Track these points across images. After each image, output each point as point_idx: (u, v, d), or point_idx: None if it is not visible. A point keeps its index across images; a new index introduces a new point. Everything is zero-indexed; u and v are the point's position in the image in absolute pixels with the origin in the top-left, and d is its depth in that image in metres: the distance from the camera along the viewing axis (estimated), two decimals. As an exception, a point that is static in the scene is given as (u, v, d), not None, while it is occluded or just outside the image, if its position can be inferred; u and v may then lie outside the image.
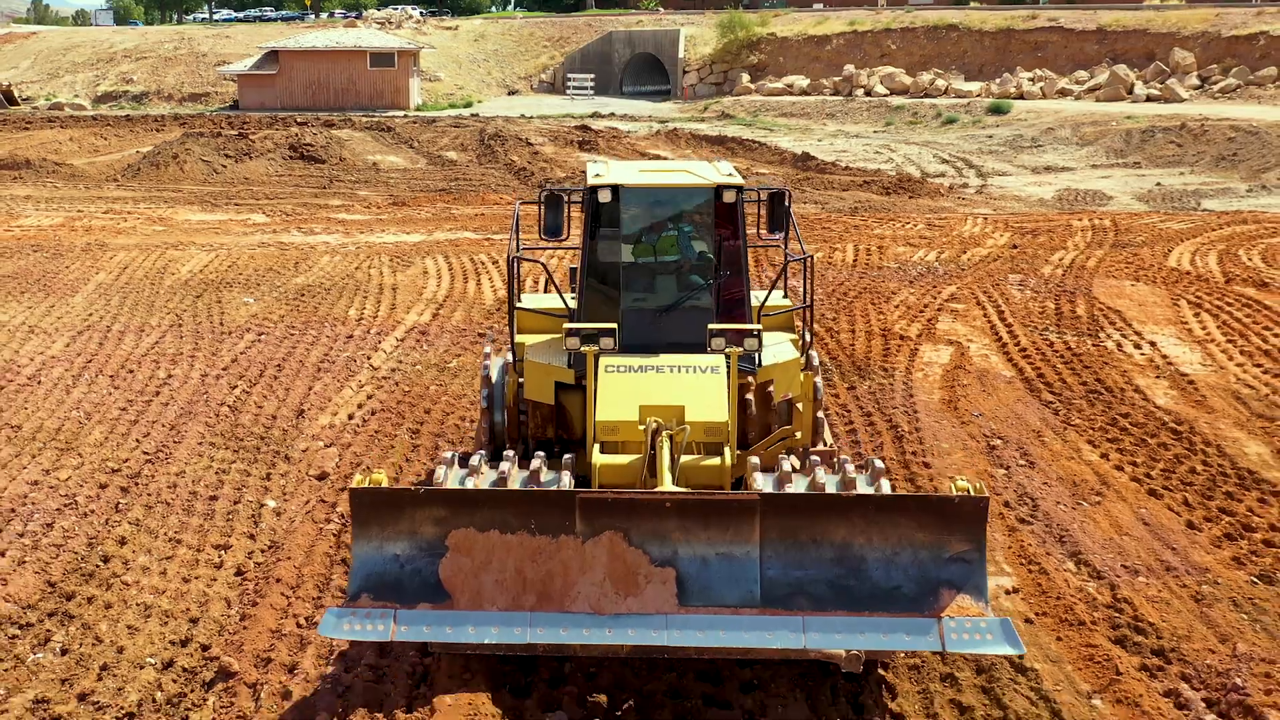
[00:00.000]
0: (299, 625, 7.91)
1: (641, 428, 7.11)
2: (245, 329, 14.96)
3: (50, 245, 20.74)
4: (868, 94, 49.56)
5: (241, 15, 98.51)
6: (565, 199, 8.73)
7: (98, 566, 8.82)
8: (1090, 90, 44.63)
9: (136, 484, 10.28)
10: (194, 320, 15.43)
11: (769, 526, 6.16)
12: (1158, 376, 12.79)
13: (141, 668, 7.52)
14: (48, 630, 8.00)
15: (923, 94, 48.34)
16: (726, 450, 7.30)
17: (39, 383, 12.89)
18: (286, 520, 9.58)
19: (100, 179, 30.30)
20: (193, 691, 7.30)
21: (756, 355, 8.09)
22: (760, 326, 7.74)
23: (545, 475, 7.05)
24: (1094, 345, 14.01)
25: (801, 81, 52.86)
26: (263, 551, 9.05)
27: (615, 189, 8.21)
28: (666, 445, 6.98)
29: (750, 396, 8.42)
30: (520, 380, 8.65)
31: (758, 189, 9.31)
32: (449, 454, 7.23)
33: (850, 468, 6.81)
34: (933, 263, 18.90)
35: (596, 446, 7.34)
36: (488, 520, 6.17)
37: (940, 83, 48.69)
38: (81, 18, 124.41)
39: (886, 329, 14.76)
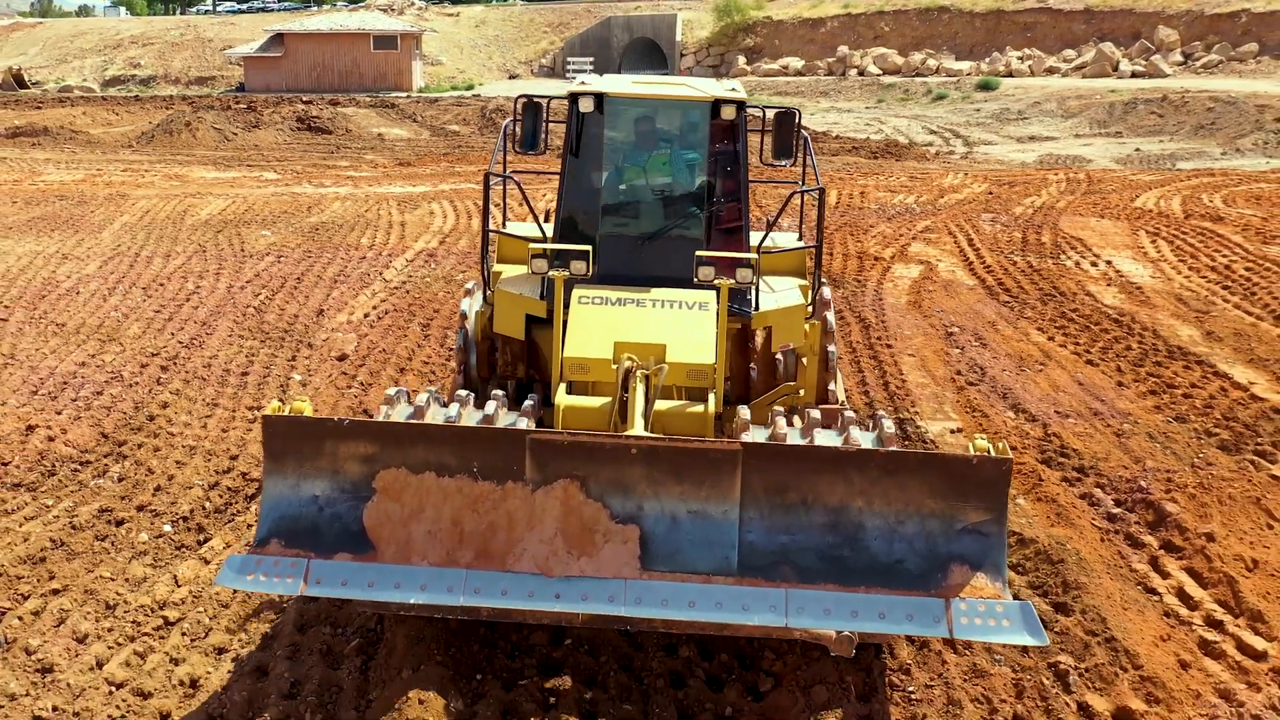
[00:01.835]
0: (327, 456, 9.02)
1: (615, 366, 6.31)
2: (265, 254, 16.05)
3: (74, 195, 21.80)
4: (861, 74, 50.59)
5: (244, 8, 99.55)
6: (545, 107, 7.89)
7: (145, 422, 9.91)
8: (1077, 68, 45.68)
9: (174, 364, 11.37)
10: (216, 248, 16.51)
11: (752, 482, 5.28)
12: (1109, 285, 13.87)
13: (190, 488, 8.61)
14: (105, 464, 9.09)
15: (914, 73, 49.37)
16: (712, 397, 6.44)
17: (77, 293, 13.98)
18: (312, 389, 10.67)
19: (116, 145, 31.39)
20: (236, 503, 8.41)
21: (753, 297, 7.25)
22: (756, 256, 6.86)
23: (503, 418, 6.15)
24: (1054, 264, 15.09)
25: (796, 63, 53.88)
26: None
27: (599, 98, 7.29)
28: (641, 387, 6.15)
29: (755, 345, 7.71)
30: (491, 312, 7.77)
31: (763, 107, 8.22)
32: (393, 390, 6.32)
33: (853, 425, 5.96)
34: (911, 205, 19.97)
35: (563, 386, 6.52)
36: (422, 460, 5.35)
37: (931, 62, 49.72)
38: (85, 12, 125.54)
39: (862, 253, 15.83)
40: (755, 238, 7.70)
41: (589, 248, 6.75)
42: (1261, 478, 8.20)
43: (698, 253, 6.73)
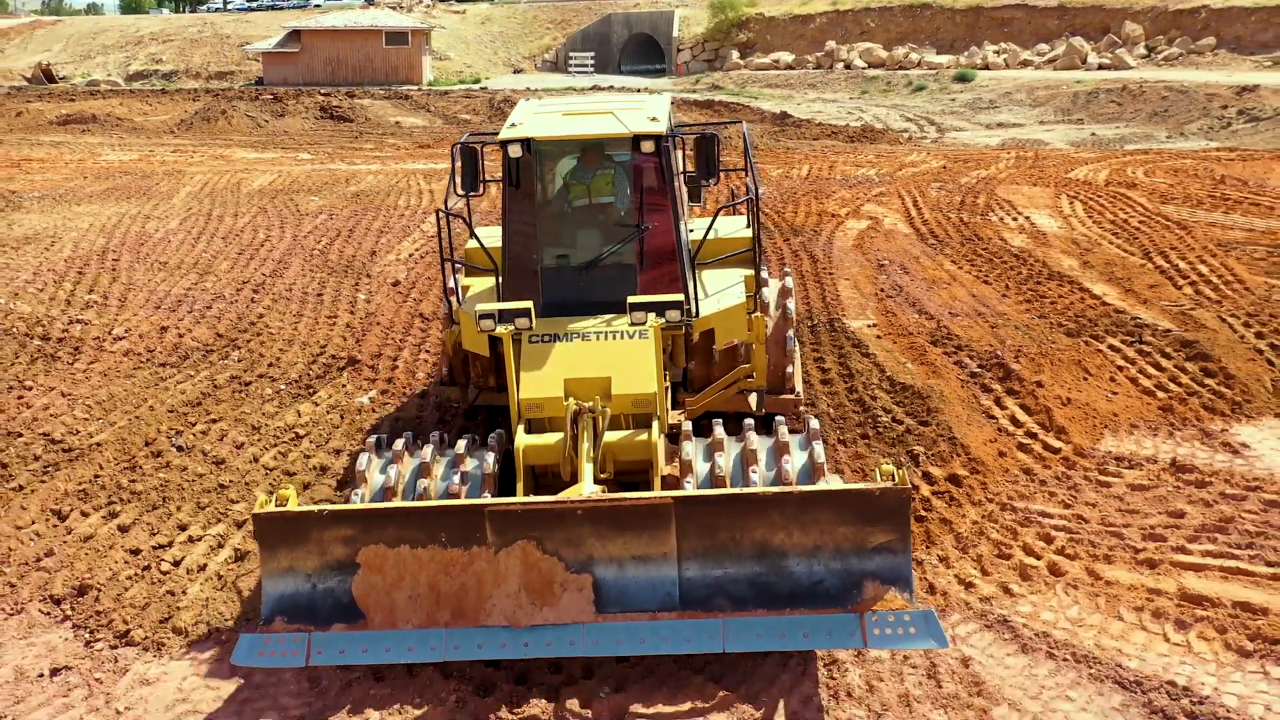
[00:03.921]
0: (396, 342, 11.98)
1: (566, 403, 6.91)
2: (318, 213, 18.98)
3: (136, 172, 24.72)
4: (847, 67, 53.48)
5: (254, 5, 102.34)
6: (480, 150, 8.28)
7: (249, 326, 12.84)
8: (1049, 61, 48.57)
9: (262, 288, 14.30)
10: (275, 209, 19.44)
11: (686, 527, 5.99)
12: (1021, 233, 16.76)
13: (295, 364, 11.56)
14: (226, 352, 12.02)
15: (898, 66, 52.26)
16: (655, 424, 7.06)
17: (169, 241, 16.91)
18: (375, 305, 13.60)
19: (159, 131, 34.33)
20: (331, 373, 11.34)
21: (692, 305, 7.86)
22: (679, 298, 7.37)
23: (469, 464, 7.03)
24: (981, 219, 17.97)
25: (787, 57, 56.78)
26: (362, 318, 13.07)
27: (526, 143, 7.67)
28: (588, 430, 6.80)
29: (721, 345, 8.25)
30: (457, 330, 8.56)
31: (682, 135, 8.75)
32: (373, 438, 7.28)
33: (784, 429, 7.00)
34: (871, 176, 22.86)
35: (521, 426, 7.08)
36: (397, 536, 6.03)
37: (914, 56, 52.62)
38: (94, 10, 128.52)
39: (822, 211, 18.73)
40: (702, 225, 8.67)
41: (529, 304, 7.13)
42: (1088, 350, 11.13)
43: (629, 299, 7.24)
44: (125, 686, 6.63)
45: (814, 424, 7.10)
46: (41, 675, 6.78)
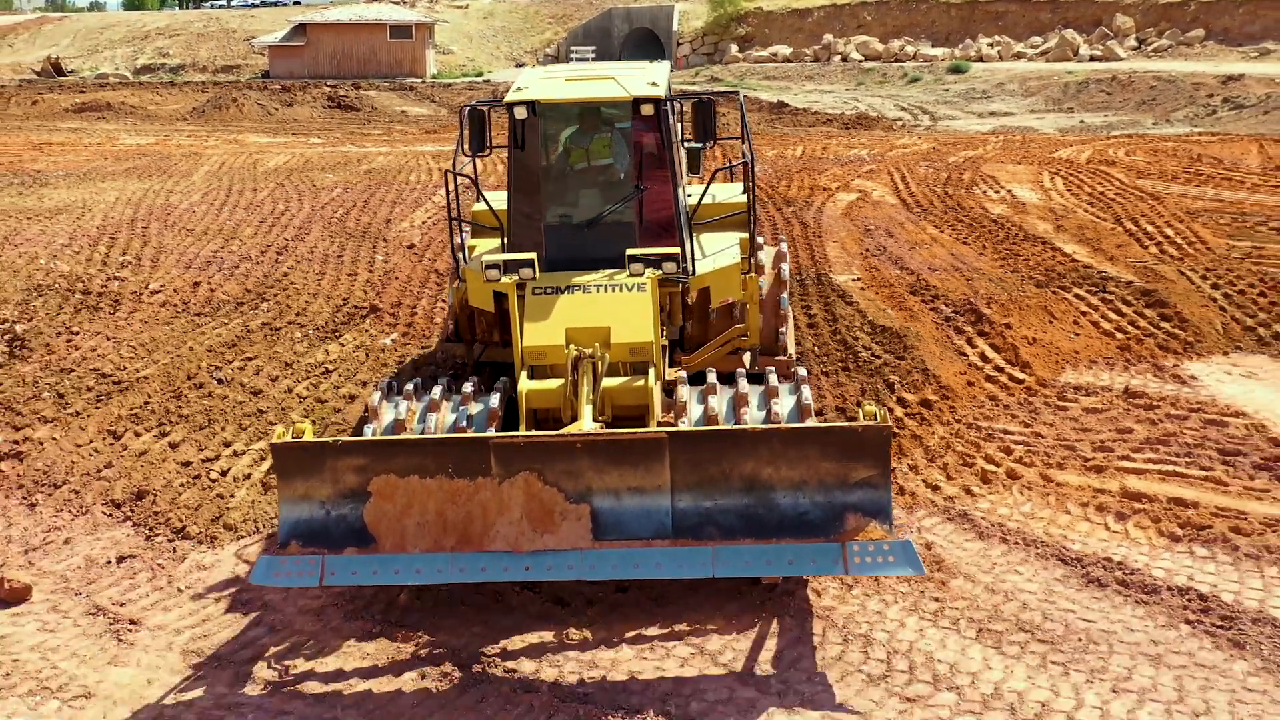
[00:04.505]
0: (414, 293, 12.89)
1: (567, 350, 7.22)
2: (333, 188, 19.89)
3: (153, 154, 25.62)
4: (844, 60, 54.38)
5: (259, 2, 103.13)
6: (487, 114, 8.61)
7: (276, 282, 13.74)
8: (1042, 53, 49.46)
9: (286, 251, 15.20)
10: (293, 185, 20.34)
11: (678, 461, 6.24)
12: (1001, 203, 17.65)
13: (320, 313, 12.46)
14: (256, 303, 12.92)
15: (893, 59, 53.15)
16: (651, 371, 7.36)
17: (194, 211, 17.81)
18: (393, 264, 14.50)
19: (172, 118, 35.25)
20: (355, 318, 12.25)
21: (689, 264, 8.17)
22: (676, 251, 7.71)
23: (474, 408, 7.41)
24: (965, 192, 18.87)
25: (785, 50, 57.68)
26: (381, 275, 13.98)
27: (531, 105, 7.94)
28: (588, 375, 7.10)
29: (716, 304, 8.60)
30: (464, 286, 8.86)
31: (680, 99, 9.09)
32: (383, 382, 7.71)
33: (774, 379, 7.29)
34: (863, 155, 23.76)
35: (524, 372, 7.41)
36: (407, 466, 6.25)
37: (909, 49, 53.50)
38: (96, 8, 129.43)
39: (814, 185, 19.62)
40: (697, 191, 9.10)
41: (533, 256, 7.44)
42: (1054, 298, 12.03)
43: (628, 251, 7.59)
44: (185, 570, 7.53)
45: (802, 372, 7.55)
46: (109, 562, 7.67)
